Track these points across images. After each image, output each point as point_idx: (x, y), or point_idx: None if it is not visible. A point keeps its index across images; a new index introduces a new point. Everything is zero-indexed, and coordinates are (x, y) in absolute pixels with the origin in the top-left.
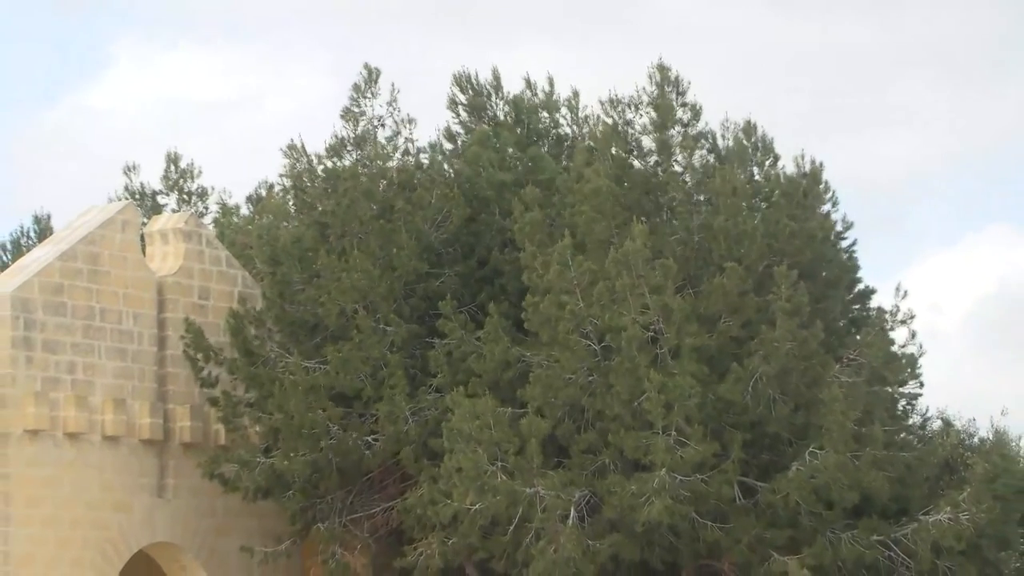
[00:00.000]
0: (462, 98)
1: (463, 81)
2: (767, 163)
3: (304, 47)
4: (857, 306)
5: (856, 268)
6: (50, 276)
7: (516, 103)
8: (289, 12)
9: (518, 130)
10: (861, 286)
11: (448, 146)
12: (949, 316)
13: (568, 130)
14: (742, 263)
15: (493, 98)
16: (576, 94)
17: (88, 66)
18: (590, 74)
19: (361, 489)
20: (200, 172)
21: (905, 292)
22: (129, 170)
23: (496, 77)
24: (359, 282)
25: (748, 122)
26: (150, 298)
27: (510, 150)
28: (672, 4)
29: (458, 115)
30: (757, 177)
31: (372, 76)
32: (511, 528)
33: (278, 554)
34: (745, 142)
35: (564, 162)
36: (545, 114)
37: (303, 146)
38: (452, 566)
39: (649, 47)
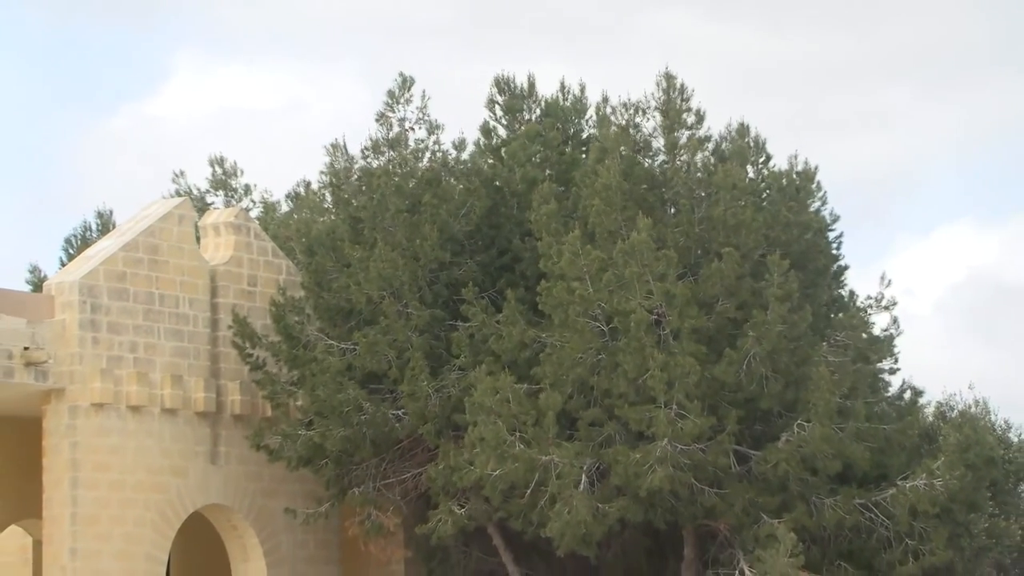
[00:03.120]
0: (499, 99)
1: (501, 83)
2: (760, 162)
3: (341, 61)
4: (843, 292)
5: (842, 258)
6: (114, 265)
7: (548, 106)
8: (329, 30)
9: (556, 128)
10: (847, 276)
11: (483, 141)
12: (922, 301)
13: (592, 131)
14: (739, 250)
15: (527, 100)
16: (606, 99)
17: (148, 79)
18: (596, 85)
19: (392, 457)
20: (242, 172)
21: (889, 281)
22: (177, 176)
23: (531, 82)
24: (384, 271)
25: (742, 124)
26: (204, 285)
27: (538, 147)
28: (669, 21)
29: (495, 113)
30: (752, 175)
31: (406, 84)
32: (528, 492)
33: (318, 515)
34: (740, 142)
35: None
36: (573, 117)
37: (345, 146)
38: (475, 526)
39: (649, 60)
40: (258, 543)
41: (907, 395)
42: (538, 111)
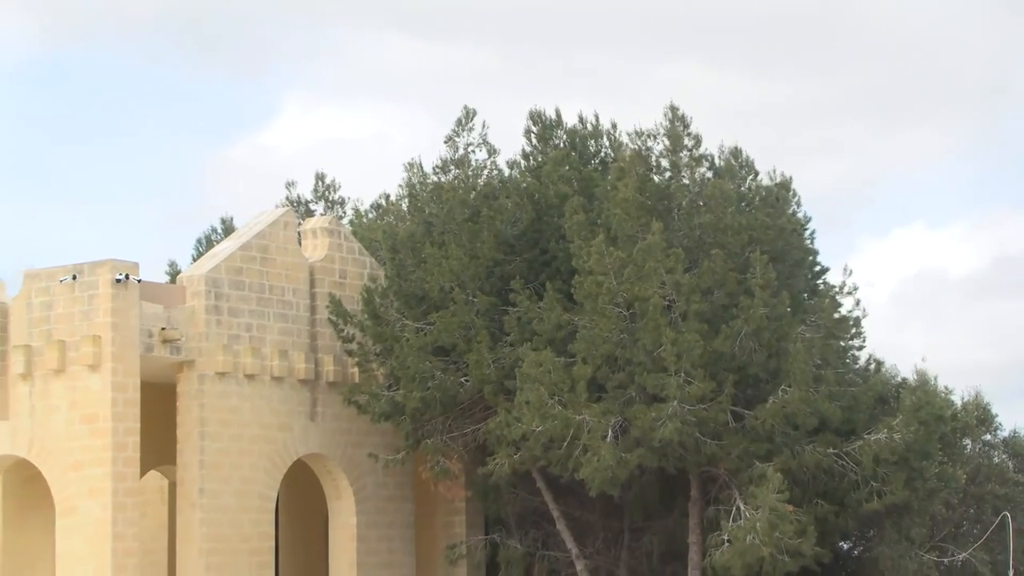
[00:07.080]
0: (533, 128)
1: (535, 116)
2: (749, 178)
3: (415, 102)
4: (816, 281)
5: (816, 253)
6: (233, 262)
7: (572, 133)
8: (406, 78)
9: (571, 154)
10: (822, 265)
11: (523, 163)
12: (880, 292)
13: (607, 152)
14: (727, 249)
15: (555, 130)
16: (615, 126)
17: (262, 115)
18: (610, 119)
19: (456, 415)
20: (340, 186)
21: (851, 271)
22: (289, 185)
23: (558, 115)
24: (454, 266)
25: (735, 147)
26: (304, 278)
27: (566, 168)
28: (673, 71)
29: (530, 140)
30: (745, 187)
31: (469, 115)
32: (565, 444)
33: (396, 461)
34: (732, 161)
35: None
36: (592, 142)
37: (420, 164)
38: (521, 471)
39: (657, 100)
40: (348, 484)
41: (871, 367)
42: (565, 137)
